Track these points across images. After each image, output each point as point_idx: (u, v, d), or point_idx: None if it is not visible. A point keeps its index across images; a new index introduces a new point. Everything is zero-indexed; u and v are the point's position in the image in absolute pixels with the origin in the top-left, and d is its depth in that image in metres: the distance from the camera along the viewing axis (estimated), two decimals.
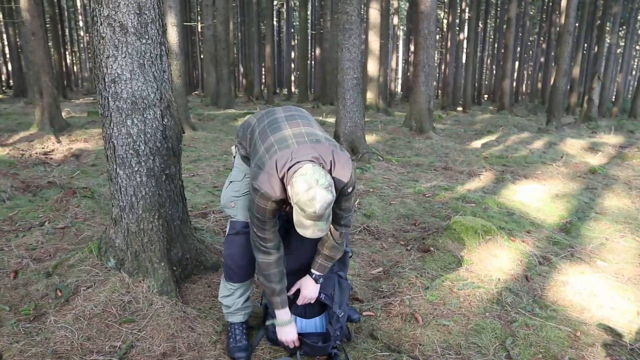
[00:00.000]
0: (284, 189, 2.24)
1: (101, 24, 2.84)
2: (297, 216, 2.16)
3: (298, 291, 2.71)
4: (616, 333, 2.92)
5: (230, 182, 2.78)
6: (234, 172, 2.80)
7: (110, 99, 2.95)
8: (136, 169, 3.06)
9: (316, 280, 2.64)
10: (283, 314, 2.56)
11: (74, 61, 42.24)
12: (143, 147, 3.04)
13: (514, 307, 3.19)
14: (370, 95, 16.45)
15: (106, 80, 2.92)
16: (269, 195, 2.22)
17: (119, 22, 2.83)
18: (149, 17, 2.91)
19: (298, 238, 2.73)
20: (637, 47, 51.30)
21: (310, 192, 2.05)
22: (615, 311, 3.20)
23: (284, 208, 2.42)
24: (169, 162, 3.20)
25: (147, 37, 2.92)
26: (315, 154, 2.23)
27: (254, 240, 2.44)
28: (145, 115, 3.01)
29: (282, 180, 2.21)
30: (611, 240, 4.57)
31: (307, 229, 2.15)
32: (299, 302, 2.66)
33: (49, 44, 13.42)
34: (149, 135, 3.05)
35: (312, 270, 2.64)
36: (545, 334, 2.84)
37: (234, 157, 2.85)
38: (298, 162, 2.18)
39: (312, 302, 2.68)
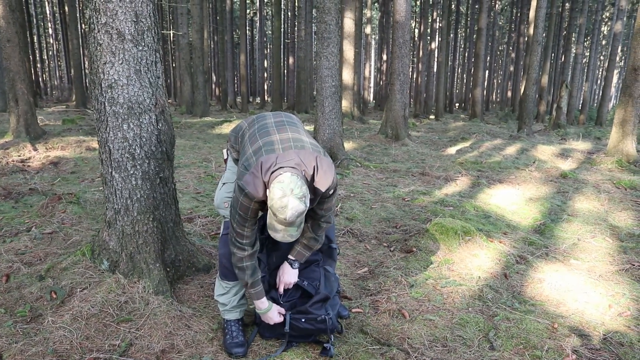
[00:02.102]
0: (266, 191, 2.36)
1: (98, 31, 2.92)
2: (270, 219, 2.30)
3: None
4: (590, 324, 3.10)
5: (224, 183, 2.89)
6: (226, 174, 2.90)
7: (106, 104, 3.03)
8: (132, 172, 3.14)
9: (291, 265, 2.78)
10: (260, 304, 2.69)
11: (43, 69, 41.51)
12: (139, 151, 3.12)
13: (495, 303, 3.35)
14: (345, 104, 16.65)
15: (103, 85, 3.00)
16: (252, 195, 2.34)
17: (117, 29, 2.91)
18: (145, 24, 3.00)
19: (287, 245, 2.89)
20: (602, 57, 52.84)
21: (284, 199, 2.18)
22: (589, 305, 3.38)
23: (266, 209, 2.53)
24: (163, 166, 3.28)
25: (143, 44, 3.01)
26: (298, 160, 2.36)
27: (231, 235, 2.55)
28: (141, 120, 3.09)
29: (265, 183, 2.34)
30: (583, 240, 4.78)
31: (278, 232, 2.30)
32: (280, 288, 2.78)
33: None
34: (144, 140, 3.13)
35: (289, 257, 2.78)
36: (525, 326, 3.00)
37: (226, 159, 2.96)
38: (281, 167, 2.31)
39: (291, 287, 2.81)
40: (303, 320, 2.70)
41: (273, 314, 2.71)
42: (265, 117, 2.73)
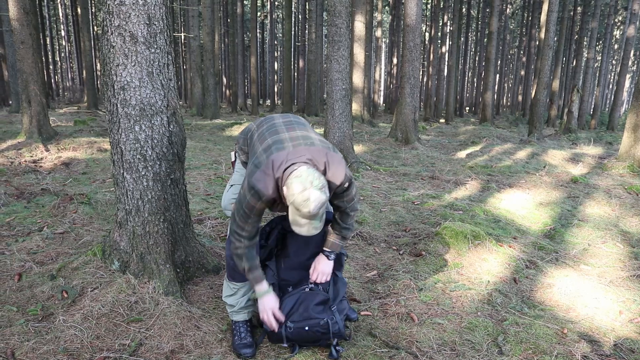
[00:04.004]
0: (277, 189, 2.38)
1: (112, 34, 2.96)
2: (292, 215, 2.30)
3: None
4: (600, 330, 3.09)
5: (231, 185, 2.91)
6: (234, 176, 2.93)
7: (119, 106, 3.06)
8: (143, 173, 3.16)
9: (328, 257, 2.79)
10: (259, 287, 2.68)
11: (56, 70, 41.87)
12: (150, 153, 3.15)
13: (504, 307, 3.34)
14: (355, 107, 16.66)
15: (115, 87, 3.03)
16: (262, 193, 2.35)
17: (130, 32, 2.94)
18: (158, 27, 3.03)
19: (295, 242, 2.90)
20: (614, 62, 52.49)
21: (305, 193, 2.20)
22: (600, 310, 3.36)
23: (275, 206, 2.54)
24: (174, 167, 3.31)
25: (155, 46, 3.04)
26: (309, 156, 2.39)
27: (232, 226, 2.56)
28: (152, 122, 3.12)
29: (276, 180, 2.35)
30: (593, 245, 4.75)
31: (303, 227, 2.30)
32: (313, 276, 2.78)
33: None
34: (155, 141, 3.16)
35: (325, 249, 2.79)
36: (535, 331, 2.99)
37: (234, 162, 2.98)
38: (293, 163, 2.33)
39: (327, 278, 2.80)
40: (307, 328, 2.69)
41: (269, 298, 2.69)
42: (274, 118, 2.77)
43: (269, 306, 2.68)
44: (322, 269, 2.78)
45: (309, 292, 2.78)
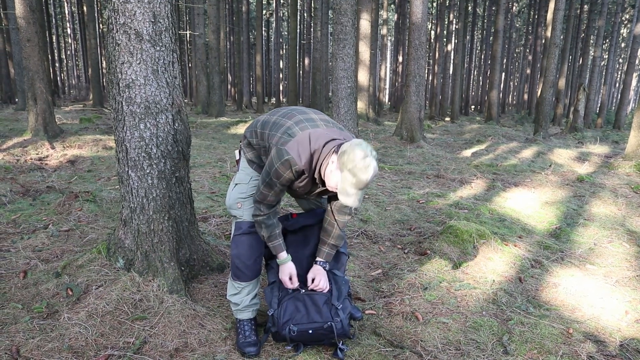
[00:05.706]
0: (310, 162, 2.40)
1: (117, 31, 2.96)
2: (344, 184, 2.30)
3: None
4: (606, 331, 3.07)
5: (236, 184, 2.88)
6: (239, 174, 2.90)
7: (124, 104, 3.06)
8: (148, 171, 3.16)
9: (324, 268, 2.84)
10: (280, 256, 2.76)
11: (62, 68, 42.00)
12: (155, 150, 3.15)
13: (509, 307, 3.33)
14: (360, 105, 16.63)
15: (120, 85, 3.03)
16: (294, 161, 2.37)
17: (135, 29, 2.94)
18: (163, 25, 3.03)
19: (295, 241, 2.93)
20: (620, 60, 52.22)
21: (367, 159, 2.22)
22: (605, 310, 3.35)
23: (298, 182, 2.54)
24: (179, 165, 3.31)
25: (161, 44, 3.04)
26: (345, 137, 2.47)
27: (257, 191, 2.62)
28: (157, 120, 3.12)
29: (312, 153, 2.38)
30: (599, 245, 4.73)
31: (350, 197, 2.31)
32: (313, 286, 2.80)
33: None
34: (160, 139, 3.16)
35: (319, 259, 2.83)
36: (540, 331, 2.98)
37: (238, 160, 2.96)
38: (333, 139, 2.38)
39: (327, 281, 2.83)
40: (310, 332, 2.68)
41: (287, 265, 2.77)
42: (291, 106, 2.79)
43: (288, 272, 2.77)
44: (321, 276, 2.82)
45: (309, 293, 2.78)
